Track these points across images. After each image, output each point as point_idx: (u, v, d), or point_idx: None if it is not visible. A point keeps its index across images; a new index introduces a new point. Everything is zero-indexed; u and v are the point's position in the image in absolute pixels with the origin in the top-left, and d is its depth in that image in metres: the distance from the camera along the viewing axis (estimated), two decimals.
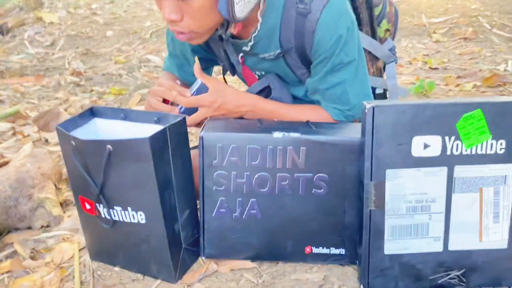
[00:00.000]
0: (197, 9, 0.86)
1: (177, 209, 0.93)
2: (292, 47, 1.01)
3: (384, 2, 1.24)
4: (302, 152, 0.92)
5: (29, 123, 2.12)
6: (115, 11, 4.75)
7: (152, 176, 0.85)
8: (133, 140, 0.85)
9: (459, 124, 0.83)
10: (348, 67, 1.00)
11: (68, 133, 0.89)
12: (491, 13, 4.17)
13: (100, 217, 0.93)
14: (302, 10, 0.95)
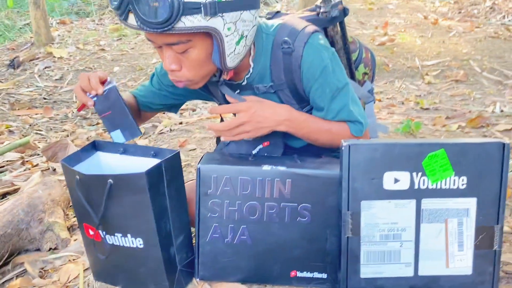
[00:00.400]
0: (194, 60, 0.99)
1: (172, 235, 1.03)
2: (283, 83, 1.13)
3: (360, 49, 1.37)
4: (288, 183, 1.03)
5: (38, 154, 2.24)
6: (122, 48, 4.96)
7: (149, 207, 0.96)
8: (131, 174, 0.95)
9: (425, 161, 0.95)
10: (344, 90, 1.11)
11: (72, 168, 1.00)
12: (482, 57, 4.35)
13: (102, 242, 1.03)
14: (287, 50, 1.08)
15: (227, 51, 0.98)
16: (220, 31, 0.94)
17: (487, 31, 5.28)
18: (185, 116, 3.06)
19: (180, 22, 0.89)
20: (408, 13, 6.55)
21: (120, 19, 0.94)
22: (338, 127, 1.13)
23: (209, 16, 0.90)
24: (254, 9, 0.99)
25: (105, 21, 6.69)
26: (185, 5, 0.87)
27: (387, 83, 3.91)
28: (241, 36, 0.99)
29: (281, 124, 1.09)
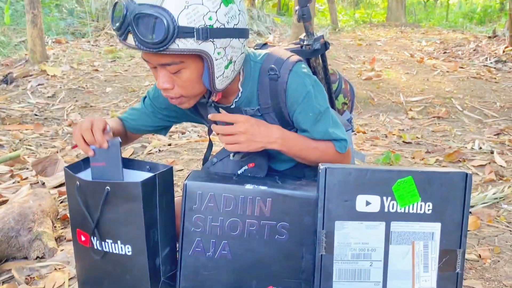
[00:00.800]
0: (185, 80, 1.07)
1: (159, 246, 1.09)
2: (269, 107, 1.21)
3: (339, 80, 1.48)
4: (268, 202, 1.10)
5: (27, 168, 2.29)
6: (116, 69, 5.05)
7: (141, 215, 1.02)
8: (128, 183, 1.03)
9: (394, 187, 1.03)
10: (326, 114, 1.20)
11: (74, 174, 1.07)
12: (463, 96, 4.53)
13: (93, 248, 1.09)
14: (273, 76, 1.18)
15: (217, 73, 1.07)
16: (210, 55, 1.02)
17: (470, 71, 5.50)
18: (174, 138, 3.13)
19: (174, 44, 0.97)
20: (395, 51, 6.79)
21: (119, 39, 1.02)
22: (325, 144, 1.21)
23: (201, 40, 0.98)
24: (243, 38, 1.08)
25: (100, 42, 6.80)
26: (179, 28, 0.95)
27: (372, 116, 4.04)
28: (230, 61, 1.08)
29: (273, 142, 1.16)
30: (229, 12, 1.01)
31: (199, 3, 0.96)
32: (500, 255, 1.49)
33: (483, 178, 2.28)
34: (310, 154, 1.21)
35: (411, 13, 17.37)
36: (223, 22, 1.00)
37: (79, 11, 8.55)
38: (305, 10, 1.31)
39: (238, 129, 1.12)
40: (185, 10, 0.95)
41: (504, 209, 1.87)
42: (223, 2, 0.99)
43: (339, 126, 1.24)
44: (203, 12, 0.97)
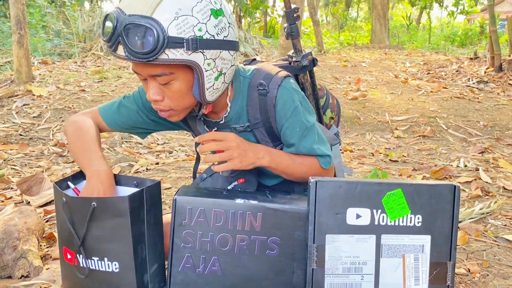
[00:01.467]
0: (175, 92, 1.07)
1: (147, 262, 1.07)
2: (259, 122, 1.22)
3: (327, 95, 1.50)
4: (258, 217, 1.10)
5: (11, 187, 2.24)
6: (103, 89, 5.04)
7: (129, 230, 1.01)
8: (114, 198, 1.02)
9: (384, 199, 1.03)
10: (312, 130, 1.22)
11: (61, 190, 1.05)
12: (447, 115, 4.61)
13: (78, 266, 1.06)
14: (262, 91, 1.19)
15: (207, 85, 1.07)
16: (200, 65, 1.03)
17: (453, 91, 5.62)
18: (162, 158, 3.11)
19: (164, 54, 0.98)
20: (380, 72, 6.92)
21: (110, 51, 1.02)
22: (309, 160, 1.23)
23: (191, 51, 0.99)
24: (233, 50, 1.09)
25: (87, 63, 6.80)
26: (169, 39, 0.96)
27: (358, 135, 4.08)
28: (220, 73, 1.08)
29: (262, 158, 1.17)
30: (219, 24, 1.02)
31: (188, 14, 0.97)
32: (489, 269, 1.50)
33: (470, 194, 2.30)
34: (296, 170, 1.22)
35: (394, 36, 17.77)
36: (213, 34, 1.01)
37: (66, 33, 8.57)
38: (293, 27, 1.33)
39: (230, 144, 1.12)
40: (174, 20, 0.96)
41: (491, 224, 1.89)
42: (213, 14, 1.01)
43: (324, 142, 1.26)
44: (193, 23, 0.98)
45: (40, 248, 1.39)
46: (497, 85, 5.92)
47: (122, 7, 0.98)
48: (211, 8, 1.01)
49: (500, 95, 5.47)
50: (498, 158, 3.19)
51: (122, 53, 0.99)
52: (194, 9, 0.98)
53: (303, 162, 1.22)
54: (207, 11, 1.00)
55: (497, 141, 3.84)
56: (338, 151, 1.47)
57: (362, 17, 29.94)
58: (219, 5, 1.03)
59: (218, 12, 1.02)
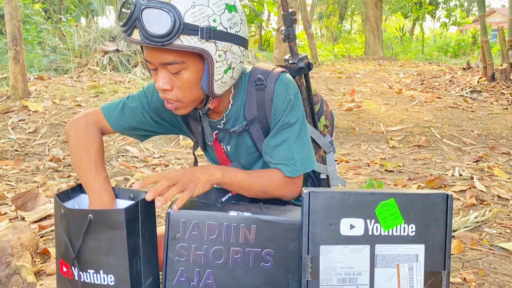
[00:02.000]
0: (185, 82, 1.09)
1: (142, 275, 1.07)
2: (255, 118, 1.23)
3: (321, 101, 1.51)
4: (253, 229, 1.10)
5: (6, 203, 2.23)
6: (99, 104, 5.04)
7: (124, 242, 1.01)
8: (111, 210, 1.03)
9: (377, 209, 1.04)
10: (293, 127, 1.22)
11: (60, 202, 1.06)
12: (442, 125, 4.64)
13: (72, 280, 1.06)
14: (260, 86, 1.21)
15: (216, 76, 1.08)
16: (212, 55, 1.05)
17: (447, 101, 5.66)
18: (158, 171, 3.11)
19: (178, 40, 1.00)
20: (374, 83, 6.97)
21: (124, 36, 1.05)
22: (269, 172, 1.23)
23: (204, 39, 1.02)
24: (243, 47, 1.12)
25: (83, 78, 6.82)
26: (185, 25, 0.99)
27: (353, 146, 4.10)
28: (229, 67, 1.10)
29: (214, 174, 1.14)
30: (232, 19, 1.06)
31: (205, 4, 1.01)
32: (484, 277, 1.50)
33: (465, 202, 2.31)
34: (254, 183, 1.20)
35: (388, 47, 17.94)
36: (226, 27, 1.05)
37: (62, 48, 8.61)
38: (290, 30, 1.36)
39: (175, 177, 1.09)
40: (191, 9, 0.99)
41: (487, 232, 1.89)
42: (227, 9, 1.05)
43: (301, 145, 1.23)
44: (208, 13, 1.01)
45: (34, 264, 1.38)
46: (490, 95, 5.97)
47: None
48: (226, 2, 1.05)
49: (494, 104, 5.51)
50: (492, 166, 3.20)
51: (137, 37, 1.01)
52: (211, 1, 1.02)
53: (260, 175, 1.22)
54: (222, 5, 1.04)
55: (491, 149, 3.86)
56: (333, 159, 1.47)
57: (356, 29, 30.24)
58: (233, 2, 1.08)
59: (232, 8, 1.06)
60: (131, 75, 7.06)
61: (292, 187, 1.24)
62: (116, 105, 1.30)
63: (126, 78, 6.84)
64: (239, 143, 1.30)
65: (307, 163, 1.23)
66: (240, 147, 1.31)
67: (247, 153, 1.32)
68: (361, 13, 23.64)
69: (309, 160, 1.24)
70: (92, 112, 1.30)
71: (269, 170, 1.24)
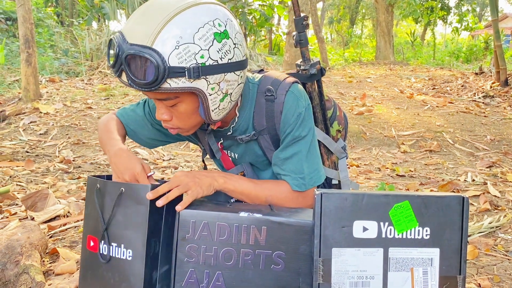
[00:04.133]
0: (182, 113, 1.08)
1: (159, 260, 1.07)
2: (264, 129, 1.21)
3: (334, 107, 1.48)
4: (263, 230, 1.08)
5: (16, 203, 2.24)
6: (109, 107, 5.07)
7: (146, 219, 1.02)
8: (138, 185, 1.06)
9: (391, 212, 1.01)
10: (304, 140, 1.20)
11: (96, 178, 1.11)
12: (454, 130, 4.58)
13: (98, 254, 1.08)
14: (270, 97, 1.18)
15: (211, 107, 1.07)
16: (204, 91, 1.02)
17: (459, 106, 5.60)
18: (168, 173, 3.11)
19: (166, 83, 0.97)
20: (385, 87, 6.92)
21: (115, 75, 1.03)
22: (277, 184, 1.21)
23: (193, 78, 0.98)
24: (240, 70, 1.07)
25: (94, 81, 6.87)
26: (170, 69, 0.95)
27: (364, 151, 4.06)
28: (225, 94, 1.07)
29: (217, 179, 1.15)
30: (223, 48, 1.01)
31: (190, 42, 0.96)
32: (500, 284, 1.46)
33: (478, 208, 2.27)
34: (260, 193, 1.19)
35: (399, 52, 17.85)
36: (216, 59, 1.00)
37: (74, 51, 8.69)
38: (302, 35, 1.33)
39: (180, 178, 1.10)
40: (175, 50, 0.95)
41: (501, 238, 1.85)
42: (216, 39, 0.99)
43: (311, 160, 1.21)
44: (194, 51, 0.97)
45: (42, 264, 1.38)
46: (503, 100, 5.89)
47: (125, 32, 0.98)
48: (214, 32, 0.99)
49: (507, 109, 5.44)
50: (506, 172, 3.15)
51: (125, 80, 0.99)
52: (196, 36, 0.96)
53: (267, 186, 1.20)
54: (209, 36, 0.98)
55: (505, 155, 3.80)
56: (345, 165, 1.45)
57: (367, 34, 30.16)
58: (223, 27, 1.01)
59: (222, 35, 1.00)
60: None
61: (300, 200, 1.22)
62: (129, 110, 1.33)
63: None
64: (247, 151, 1.28)
65: (316, 177, 1.22)
66: (248, 155, 1.30)
67: (256, 160, 1.31)
68: (372, 18, 23.57)
69: (318, 174, 1.23)
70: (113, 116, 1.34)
71: (277, 181, 1.23)
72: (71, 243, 1.68)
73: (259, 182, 1.22)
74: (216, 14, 1.00)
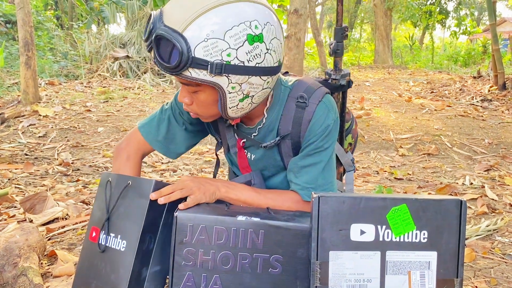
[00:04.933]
0: (202, 100, 1.09)
1: (152, 258, 1.07)
2: (288, 134, 1.21)
3: (352, 120, 1.49)
4: (261, 234, 1.08)
5: (15, 206, 2.24)
6: (108, 109, 5.07)
7: (144, 212, 1.04)
8: (143, 179, 1.10)
9: (389, 215, 1.02)
10: (325, 152, 1.20)
11: (108, 172, 1.16)
12: (452, 133, 4.59)
13: (97, 244, 1.09)
14: (301, 104, 1.18)
15: (229, 104, 1.07)
16: (223, 88, 1.02)
17: (457, 110, 5.62)
18: (166, 176, 3.11)
19: (188, 71, 0.99)
20: (384, 91, 6.94)
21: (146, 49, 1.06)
22: (283, 194, 1.22)
23: (214, 74, 0.99)
24: (267, 76, 1.06)
25: (93, 84, 6.87)
26: (193, 59, 0.96)
27: (363, 154, 4.07)
28: (246, 96, 1.07)
29: (220, 187, 1.16)
30: (253, 51, 1.00)
31: (220, 37, 0.96)
32: (497, 286, 1.46)
33: (476, 211, 2.27)
34: (262, 203, 1.20)
35: (397, 56, 17.89)
36: (243, 60, 0.99)
37: (73, 54, 8.70)
38: (339, 45, 1.33)
39: (184, 182, 1.12)
40: (203, 42, 0.96)
41: (499, 241, 1.85)
42: (248, 40, 0.98)
43: (327, 174, 1.21)
44: (222, 47, 0.97)
45: (41, 266, 1.38)
46: (501, 103, 5.91)
47: (165, 11, 1.00)
48: (248, 33, 0.98)
49: (505, 113, 5.45)
50: (504, 175, 3.16)
51: (153, 57, 1.02)
52: (228, 33, 0.96)
53: (272, 197, 1.21)
54: (242, 36, 0.97)
55: (503, 158, 3.81)
56: (352, 178, 1.45)
57: (365, 38, 30.24)
58: (259, 30, 0.99)
59: (255, 38, 0.99)
60: (140, 81, 7.10)
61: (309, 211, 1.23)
62: (151, 121, 1.32)
63: (136, 84, 6.88)
64: (266, 155, 1.28)
65: (329, 189, 1.23)
66: (266, 159, 1.29)
67: (272, 165, 1.30)
68: (371, 21, 23.66)
69: (332, 187, 1.23)
70: (133, 137, 1.33)
71: (283, 192, 1.23)
72: (69, 246, 1.68)
73: (263, 192, 1.22)
74: (256, 15, 0.99)
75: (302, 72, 7.11)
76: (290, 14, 6.74)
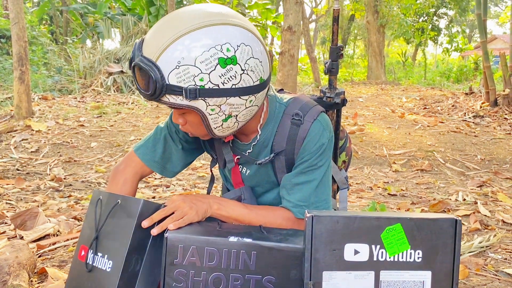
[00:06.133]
0: (191, 121, 1.10)
1: (138, 280, 1.06)
2: (283, 151, 1.21)
3: (346, 138, 1.49)
4: (253, 255, 1.07)
5: (5, 222, 2.21)
6: (102, 124, 5.05)
7: (130, 232, 1.02)
8: (132, 198, 1.09)
9: (383, 235, 1.01)
10: (319, 170, 1.20)
11: (99, 190, 1.15)
12: (445, 149, 4.62)
13: (85, 263, 1.07)
14: (296, 121, 1.19)
15: (213, 125, 1.07)
16: (202, 111, 1.03)
17: (450, 126, 5.66)
18: (159, 192, 3.09)
19: (165, 97, 1.01)
20: (377, 107, 6.99)
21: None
22: (275, 211, 1.22)
23: (190, 99, 1.00)
24: (247, 95, 1.05)
25: (87, 99, 6.86)
26: (168, 86, 0.98)
27: (356, 169, 4.07)
28: (229, 116, 1.07)
29: (211, 206, 1.16)
30: (227, 73, 1.00)
31: (190, 64, 0.97)
32: None
33: (468, 227, 2.27)
34: (253, 220, 1.19)
35: (390, 72, 18.08)
36: (217, 83, 1.00)
37: (67, 69, 8.70)
38: (334, 64, 1.34)
39: (176, 203, 1.11)
40: (175, 69, 0.97)
41: (491, 258, 1.85)
42: (220, 64, 0.98)
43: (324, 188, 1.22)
44: (194, 73, 0.98)
45: (31, 284, 1.35)
46: (493, 120, 5.96)
47: (146, 39, 1.03)
48: (219, 57, 0.98)
49: (497, 129, 5.50)
50: (496, 191, 3.17)
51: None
52: (198, 59, 0.97)
53: (263, 213, 1.21)
54: (213, 61, 0.98)
55: (495, 174, 3.82)
56: (346, 196, 1.45)
57: (359, 54, 30.55)
58: (232, 52, 0.99)
59: (228, 61, 0.99)
60: (134, 96, 7.10)
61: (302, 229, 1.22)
62: (147, 143, 1.32)
63: (130, 99, 6.88)
64: (260, 171, 1.29)
65: (323, 207, 1.22)
66: (260, 175, 1.30)
67: (266, 181, 1.31)
68: (364, 38, 23.93)
69: (326, 204, 1.23)
70: (130, 160, 1.32)
71: (274, 209, 1.23)
72: (60, 263, 1.66)
73: (254, 208, 1.21)
74: (228, 38, 0.99)
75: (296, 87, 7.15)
76: (284, 31, 6.80)
